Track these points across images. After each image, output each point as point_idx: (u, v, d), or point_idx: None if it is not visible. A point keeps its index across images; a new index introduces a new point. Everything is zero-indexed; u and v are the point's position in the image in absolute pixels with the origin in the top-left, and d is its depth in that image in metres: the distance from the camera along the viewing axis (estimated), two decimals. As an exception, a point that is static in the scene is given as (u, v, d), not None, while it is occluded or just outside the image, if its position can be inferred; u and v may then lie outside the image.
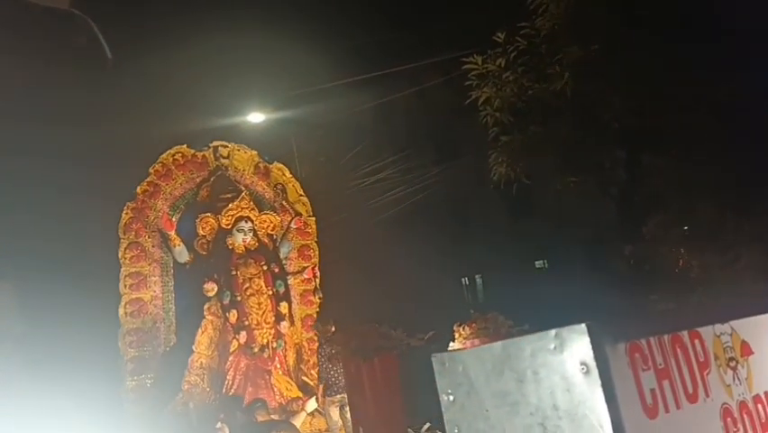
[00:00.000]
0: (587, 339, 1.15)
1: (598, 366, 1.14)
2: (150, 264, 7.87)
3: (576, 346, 1.16)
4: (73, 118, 8.28)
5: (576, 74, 6.75)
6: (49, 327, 7.56)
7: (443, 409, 1.28)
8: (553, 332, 1.19)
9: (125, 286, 7.67)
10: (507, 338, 1.26)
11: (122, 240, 7.75)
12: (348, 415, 6.93)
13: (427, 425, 7.87)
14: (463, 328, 7.73)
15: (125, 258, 7.66)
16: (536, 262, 12.32)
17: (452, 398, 1.27)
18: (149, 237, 7.90)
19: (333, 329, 7.41)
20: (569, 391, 1.16)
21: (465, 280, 13.82)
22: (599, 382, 1.13)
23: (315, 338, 7.86)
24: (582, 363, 1.15)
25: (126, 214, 7.79)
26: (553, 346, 1.18)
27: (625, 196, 7.02)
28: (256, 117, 11.10)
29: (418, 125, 11.53)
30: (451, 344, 7.67)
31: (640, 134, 6.89)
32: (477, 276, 13.76)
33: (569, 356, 1.16)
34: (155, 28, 9.73)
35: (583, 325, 1.16)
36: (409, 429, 7.75)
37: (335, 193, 11.21)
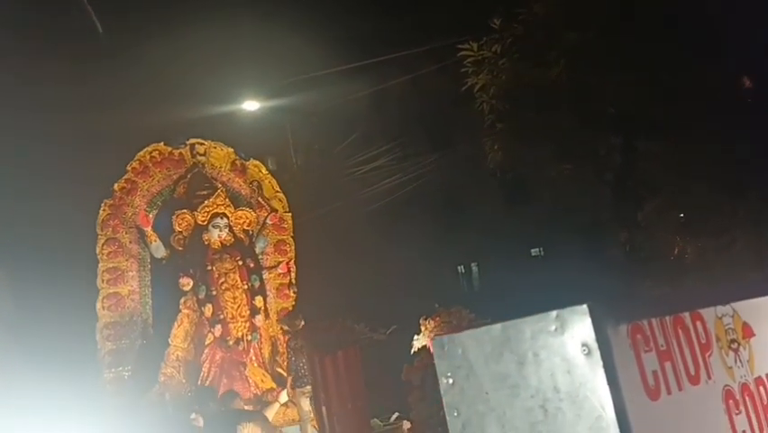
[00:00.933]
0: (588, 320, 1.16)
1: (600, 348, 1.15)
2: (127, 260, 8.24)
3: (577, 328, 1.17)
4: (61, 107, 8.27)
5: (572, 60, 6.79)
6: (39, 314, 7.67)
7: (441, 393, 1.29)
8: (554, 313, 1.20)
9: (103, 281, 8.09)
10: None
11: (99, 236, 8.12)
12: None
13: (396, 415, 8.24)
14: (428, 322, 8.06)
15: (103, 253, 8.13)
16: (532, 250, 12.42)
17: (451, 381, 1.28)
18: (126, 233, 8.28)
19: (302, 323, 7.79)
20: (570, 373, 1.17)
21: (461, 269, 13.96)
22: (601, 363, 1.14)
23: (284, 331, 8.24)
24: (584, 345, 1.16)
25: (104, 210, 8.19)
26: (553, 328, 1.19)
27: (620, 182, 7.11)
28: (251, 105, 11.16)
29: (413, 113, 11.56)
30: (416, 336, 8.01)
31: (635, 120, 6.97)
32: (473, 264, 13.88)
33: (570, 338, 1.17)
34: (145, 16, 9.66)
35: (585, 306, 1.18)
36: (375, 419, 8.11)
37: (329, 182, 11.29)
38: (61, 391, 5.34)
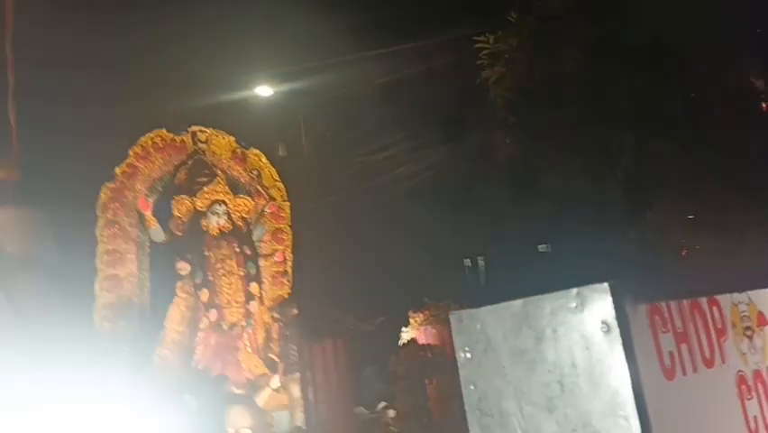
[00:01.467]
0: (609, 298, 1.21)
1: (619, 326, 1.19)
2: (126, 243, 8.50)
3: (597, 305, 1.21)
4: (66, 87, 8.35)
5: (587, 55, 6.83)
6: (78, 263, 7.88)
7: (459, 367, 1.33)
8: (574, 291, 1.24)
9: (102, 262, 8.24)
10: None
11: (99, 218, 8.31)
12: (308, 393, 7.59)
13: (383, 403, 8.51)
14: (417, 315, 8.29)
15: (102, 235, 8.34)
16: (539, 246, 12.47)
17: (468, 355, 1.32)
18: (126, 217, 8.54)
19: (296, 312, 8.12)
20: (588, 350, 1.21)
21: (467, 262, 14.08)
22: (620, 341, 1.18)
23: (276, 319, 8.54)
24: (603, 322, 1.20)
25: (105, 193, 8.41)
26: (573, 305, 1.24)
27: (631, 180, 7.17)
28: (263, 91, 11.27)
29: (426, 104, 11.58)
30: (404, 329, 8.22)
31: (648, 118, 7.02)
32: (479, 258, 13.99)
33: (589, 315, 1.21)
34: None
35: (605, 284, 1.22)
36: (361, 408, 8.38)
37: (338, 171, 11.41)
38: (57, 366, 5.41)
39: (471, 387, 1.32)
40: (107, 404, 5.50)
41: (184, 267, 8.36)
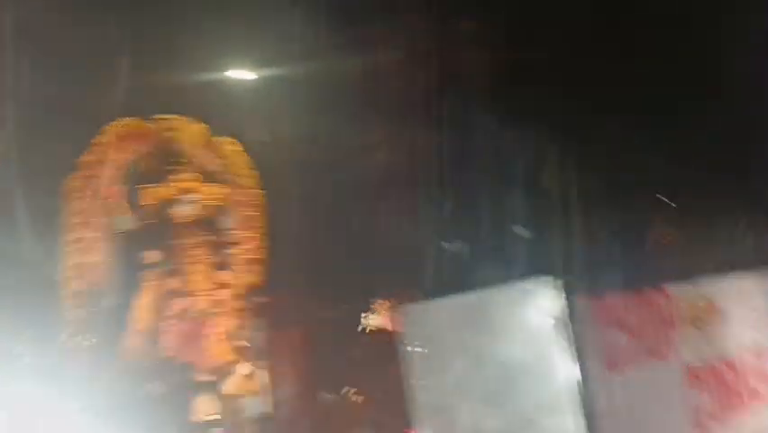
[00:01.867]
0: (557, 292, 1.22)
1: (567, 319, 1.20)
2: (93, 231, 8.41)
3: (546, 299, 1.22)
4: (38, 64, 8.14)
5: (569, 40, 6.85)
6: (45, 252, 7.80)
7: (407, 360, 1.33)
8: (523, 284, 1.24)
9: (68, 251, 8.19)
10: None
11: (65, 206, 8.24)
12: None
13: (346, 388, 8.68)
14: (382, 302, 8.40)
15: (68, 224, 8.27)
16: (515, 228, 12.53)
17: (418, 348, 1.32)
18: (92, 205, 8.45)
19: (265, 299, 8.25)
20: (536, 343, 1.22)
21: (445, 246, 14.24)
22: (567, 334, 1.19)
23: (245, 306, 8.70)
24: (551, 316, 1.21)
25: (71, 182, 8.31)
26: (523, 298, 1.24)
27: (611, 168, 7.22)
28: (243, 75, 11.18)
29: (405, 88, 11.53)
30: (369, 315, 8.34)
31: (632, 107, 7.06)
32: (456, 242, 14.13)
33: (538, 309, 1.22)
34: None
35: (553, 278, 1.22)
36: (323, 393, 8.54)
37: (315, 155, 11.41)
38: (19, 352, 5.34)
39: (420, 381, 1.32)
40: (69, 391, 5.44)
41: (152, 255, 8.44)
